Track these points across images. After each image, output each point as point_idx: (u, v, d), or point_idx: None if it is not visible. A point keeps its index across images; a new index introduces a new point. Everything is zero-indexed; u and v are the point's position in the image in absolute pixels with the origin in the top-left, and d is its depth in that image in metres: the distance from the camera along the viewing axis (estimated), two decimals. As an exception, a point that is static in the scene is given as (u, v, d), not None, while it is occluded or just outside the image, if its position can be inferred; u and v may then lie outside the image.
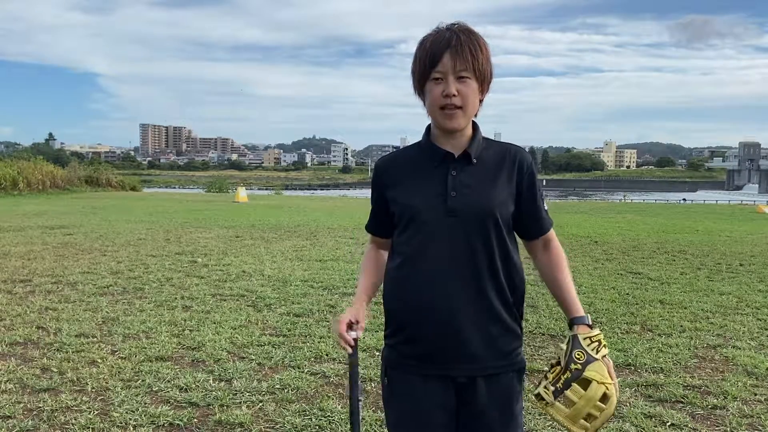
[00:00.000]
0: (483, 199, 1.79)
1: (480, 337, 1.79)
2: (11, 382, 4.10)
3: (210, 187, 46.06)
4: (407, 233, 1.84)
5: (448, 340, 1.79)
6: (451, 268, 1.78)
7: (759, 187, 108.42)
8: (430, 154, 1.84)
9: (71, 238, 11.43)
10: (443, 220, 1.78)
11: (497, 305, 1.81)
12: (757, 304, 6.79)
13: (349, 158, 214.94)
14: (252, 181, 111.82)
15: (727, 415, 3.76)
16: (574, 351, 1.74)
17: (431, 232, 1.79)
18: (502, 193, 1.82)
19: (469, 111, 1.78)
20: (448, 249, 1.78)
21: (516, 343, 1.86)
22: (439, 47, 1.74)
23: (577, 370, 1.71)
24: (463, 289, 1.78)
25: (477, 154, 1.83)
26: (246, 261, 9.17)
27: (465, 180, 1.80)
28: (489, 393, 1.81)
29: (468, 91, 1.75)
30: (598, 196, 72.33)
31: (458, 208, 1.78)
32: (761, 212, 25.43)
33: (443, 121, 1.78)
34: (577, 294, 1.91)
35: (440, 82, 1.75)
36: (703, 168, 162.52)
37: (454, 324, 1.78)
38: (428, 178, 1.82)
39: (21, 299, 6.50)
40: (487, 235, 1.79)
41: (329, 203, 28.14)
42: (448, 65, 1.73)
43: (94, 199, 25.63)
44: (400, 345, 1.86)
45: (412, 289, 1.82)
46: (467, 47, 1.74)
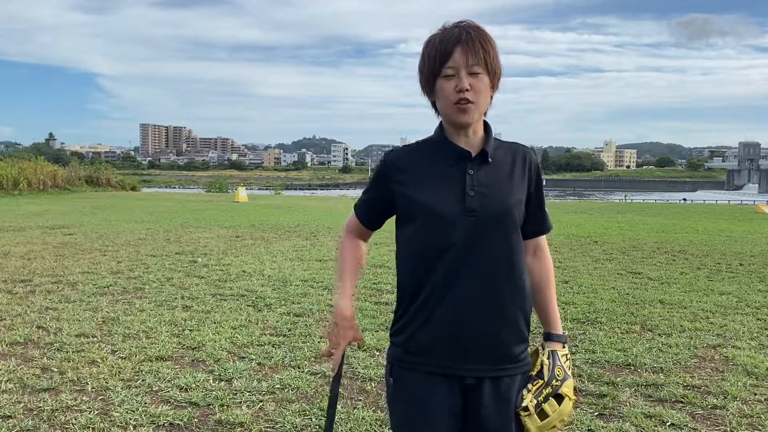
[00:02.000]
0: (501, 199, 1.78)
1: (491, 338, 1.78)
2: (11, 382, 4.10)
3: (210, 187, 46.05)
4: (420, 231, 1.80)
5: (458, 340, 1.77)
6: (466, 268, 1.76)
7: (759, 187, 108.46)
8: (446, 151, 1.81)
9: (71, 238, 11.43)
10: (461, 220, 1.75)
11: (511, 306, 1.80)
12: (757, 304, 6.79)
13: (349, 158, 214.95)
14: (252, 181, 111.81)
15: (727, 415, 3.76)
16: (556, 368, 1.84)
17: (448, 231, 1.76)
18: (518, 192, 1.82)
19: (482, 106, 1.77)
20: (464, 249, 1.76)
21: (524, 345, 1.85)
22: (450, 43, 1.72)
23: (556, 386, 1.81)
24: (477, 289, 1.77)
25: (492, 153, 1.82)
26: (246, 261, 9.17)
27: (482, 179, 1.78)
28: (496, 395, 1.79)
29: (481, 86, 1.74)
30: (597, 196, 72.28)
31: (477, 208, 1.76)
32: (761, 212, 25.42)
33: (457, 116, 1.75)
34: (577, 294, 1.92)
35: (452, 78, 1.72)
36: (703, 168, 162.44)
37: (466, 324, 1.77)
38: (445, 177, 1.79)
39: (21, 299, 6.50)
40: (505, 235, 1.78)
41: (329, 203, 28.13)
42: (459, 60, 1.71)
43: (95, 199, 25.63)
44: (407, 343, 1.83)
45: (427, 290, 1.79)
46: (478, 41, 1.72)
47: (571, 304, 6.47)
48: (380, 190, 1.89)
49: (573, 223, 17.20)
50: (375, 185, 1.91)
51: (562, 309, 6.16)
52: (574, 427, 3.57)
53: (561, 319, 1.99)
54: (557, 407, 1.79)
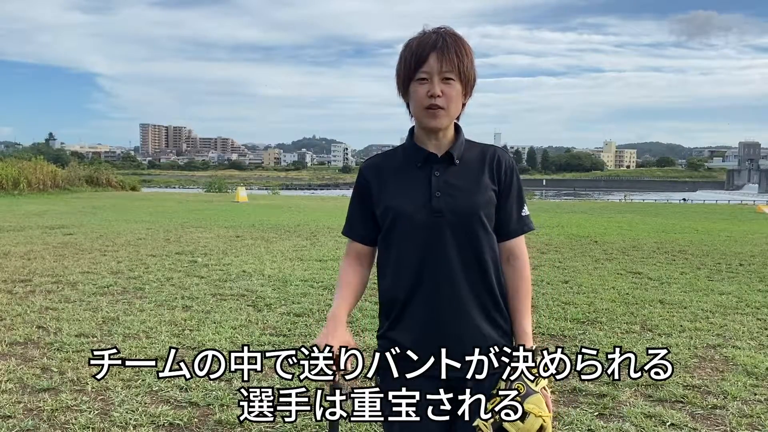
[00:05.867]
0: (467, 200, 1.80)
1: (471, 337, 1.80)
2: (11, 381, 4.10)
3: (209, 187, 46.07)
4: (392, 235, 1.84)
5: (438, 340, 1.79)
6: (439, 268, 1.80)
7: (759, 187, 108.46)
8: (413, 154, 1.86)
9: (71, 238, 11.44)
10: (428, 221, 1.79)
11: (488, 304, 1.83)
12: (757, 304, 6.79)
13: (349, 158, 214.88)
14: (252, 181, 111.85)
15: (727, 415, 3.76)
16: (515, 383, 1.74)
17: (416, 232, 1.80)
18: (485, 192, 1.83)
19: (452, 112, 1.80)
20: (434, 249, 1.79)
21: (505, 341, 1.86)
22: (425, 48, 1.76)
23: (516, 401, 1.70)
24: (452, 289, 1.80)
25: (459, 155, 1.85)
26: (246, 261, 9.17)
27: (449, 180, 1.82)
28: (481, 393, 1.78)
29: (452, 93, 1.77)
30: (593, 196, 72.24)
31: (443, 209, 1.79)
32: (761, 212, 25.43)
33: (427, 121, 1.80)
34: (577, 294, 1.91)
35: (425, 82, 1.76)
36: (703, 168, 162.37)
37: (443, 325, 1.80)
38: (412, 179, 1.83)
39: (21, 299, 6.50)
40: (474, 235, 1.81)
41: (329, 203, 28.14)
42: (433, 66, 1.75)
43: (95, 199, 25.64)
44: (389, 344, 1.85)
45: (401, 291, 1.83)
46: (453, 49, 1.76)
47: (571, 304, 6.47)
48: (359, 198, 1.93)
49: (573, 223, 17.20)
50: (354, 196, 1.96)
51: (561, 309, 6.17)
52: (574, 427, 3.58)
53: (561, 319, 1.99)
54: (520, 425, 1.69)
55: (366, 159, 2.02)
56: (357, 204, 1.94)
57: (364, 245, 1.95)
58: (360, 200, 1.93)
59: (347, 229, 1.98)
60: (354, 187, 1.96)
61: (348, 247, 1.99)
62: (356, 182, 1.95)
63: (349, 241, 1.98)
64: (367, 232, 1.93)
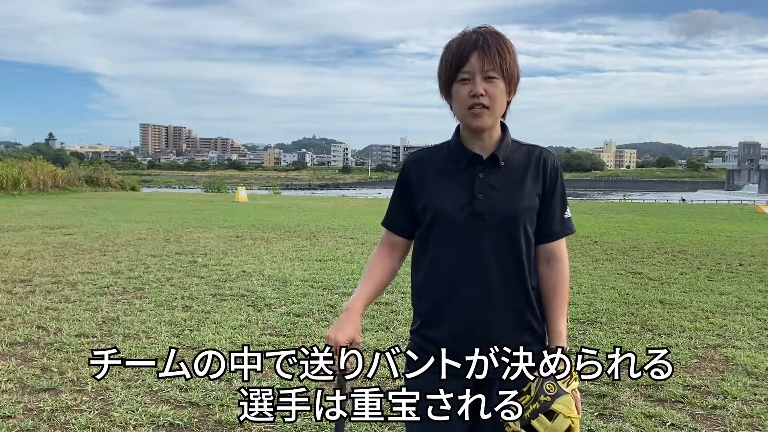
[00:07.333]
0: (510, 204, 1.79)
1: (505, 340, 1.79)
2: (11, 382, 4.10)
3: (208, 187, 46.12)
4: (430, 233, 1.84)
5: (471, 341, 1.79)
6: (476, 270, 1.79)
7: (759, 187, 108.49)
8: (458, 155, 1.84)
9: (71, 238, 11.44)
10: (469, 223, 1.78)
11: (524, 309, 1.83)
12: (757, 304, 6.80)
13: (349, 158, 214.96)
14: (252, 181, 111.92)
15: (727, 415, 3.76)
16: (546, 382, 1.74)
17: (455, 233, 1.79)
18: (529, 196, 1.81)
19: (497, 111, 1.78)
20: (473, 252, 1.78)
21: (539, 346, 1.85)
22: (467, 48, 1.74)
23: (546, 401, 1.71)
24: (488, 292, 1.79)
25: (505, 157, 1.82)
26: (246, 261, 9.17)
27: (492, 183, 1.80)
28: (509, 392, 1.77)
29: (495, 92, 1.75)
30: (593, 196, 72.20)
31: (485, 212, 1.78)
32: (761, 212, 25.44)
33: (470, 121, 1.78)
34: (577, 294, 1.91)
35: (467, 82, 1.74)
36: (703, 168, 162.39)
37: (478, 327, 1.79)
38: (455, 179, 1.82)
39: (21, 299, 6.50)
40: (513, 240, 1.79)
41: (329, 203, 28.14)
42: (475, 66, 1.73)
43: (95, 199, 25.64)
44: (423, 342, 1.86)
45: (437, 290, 1.83)
46: (495, 48, 1.73)
47: (571, 304, 6.46)
48: (400, 191, 1.93)
49: (573, 222, 17.19)
50: (396, 188, 1.95)
51: (562, 309, 6.14)
52: (574, 427, 3.57)
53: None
54: (548, 424, 1.70)
55: (411, 152, 2.00)
56: (397, 197, 1.94)
57: (400, 237, 1.95)
58: (400, 194, 1.93)
59: (386, 220, 1.99)
60: (397, 180, 1.95)
61: (383, 236, 2.00)
62: (399, 175, 1.94)
63: (386, 231, 1.99)
64: (405, 224, 1.93)
